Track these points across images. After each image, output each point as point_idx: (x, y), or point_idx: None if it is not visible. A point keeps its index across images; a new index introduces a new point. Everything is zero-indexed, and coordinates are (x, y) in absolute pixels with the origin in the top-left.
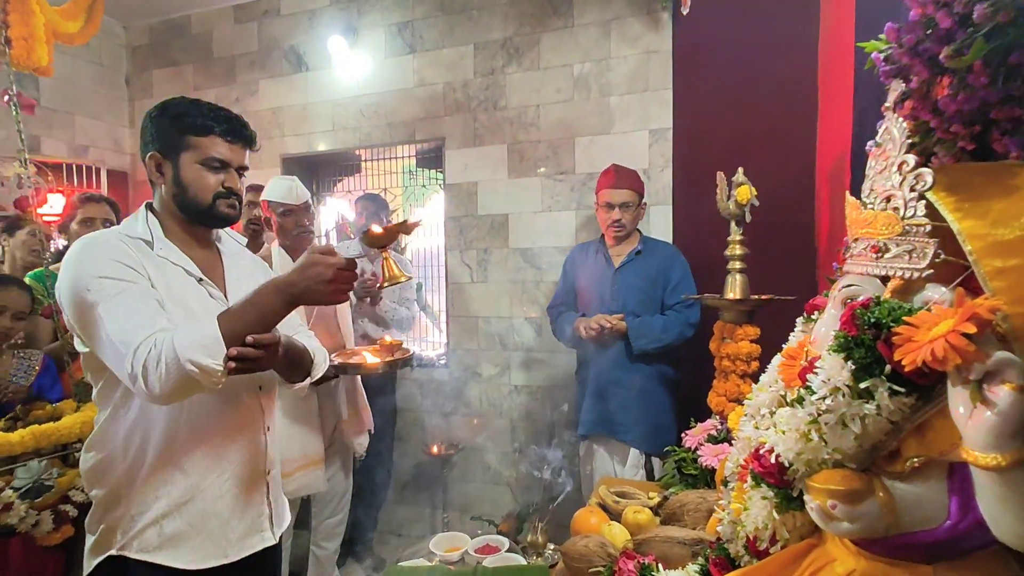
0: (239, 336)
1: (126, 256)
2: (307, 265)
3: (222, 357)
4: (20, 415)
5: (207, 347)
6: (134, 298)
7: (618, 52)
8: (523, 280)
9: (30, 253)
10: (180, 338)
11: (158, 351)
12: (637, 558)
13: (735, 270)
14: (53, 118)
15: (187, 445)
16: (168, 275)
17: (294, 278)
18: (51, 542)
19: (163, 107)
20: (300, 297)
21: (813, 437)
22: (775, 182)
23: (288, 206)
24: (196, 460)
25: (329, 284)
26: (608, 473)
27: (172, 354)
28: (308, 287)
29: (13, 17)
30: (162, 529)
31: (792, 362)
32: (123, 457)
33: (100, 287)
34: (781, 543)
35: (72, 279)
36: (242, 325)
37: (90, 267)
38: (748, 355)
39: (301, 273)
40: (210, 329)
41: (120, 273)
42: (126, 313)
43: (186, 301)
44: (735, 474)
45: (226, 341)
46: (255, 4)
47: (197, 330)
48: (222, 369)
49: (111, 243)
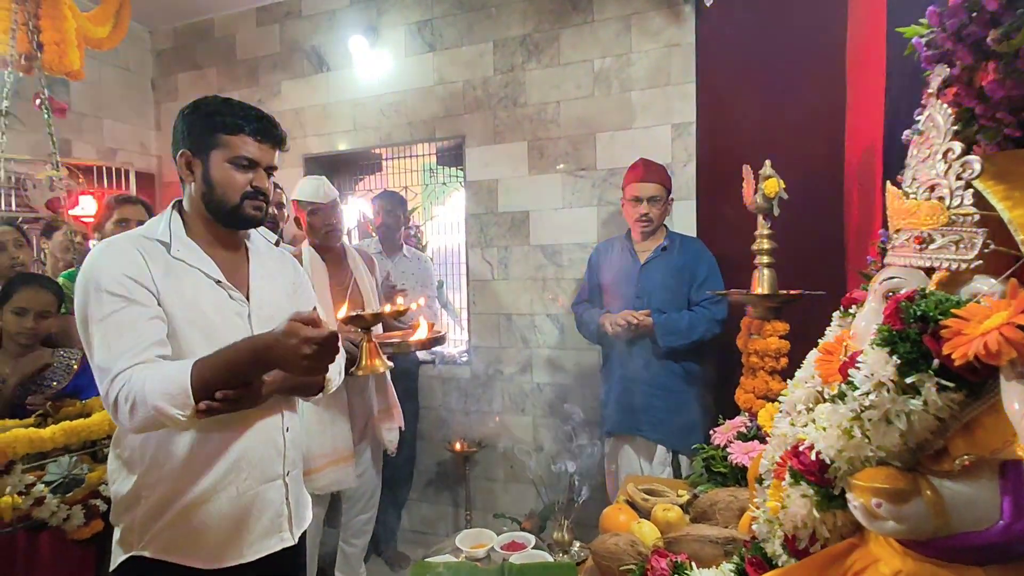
0: (211, 387)
1: (136, 269)
2: (286, 334)
3: (188, 408)
4: (50, 411)
5: (173, 396)
6: (126, 321)
7: (639, 46)
8: (544, 277)
9: (66, 253)
10: (151, 382)
11: (129, 388)
12: (669, 556)
13: (763, 265)
14: (83, 122)
15: (205, 445)
16: (182, 279)
17: (271, 343)
18: (81, 536)
19: (196, 105)
20: (274, 363)
21: (856, 434)
22: (802, 175)
23: (316, 204)
24: (214, 461)
25: (303, 359)
26: (634, 471)
27: (141, 396)
28: (283, 356)
29: (45, 22)
30: (178, 529)
31: (830, 357)
32: (141, 459)
33: (99, 302)
34: (821, 542)
35: (82, 285)
36: (213, 377)
37: (97, 277)
38: (777, 351)
39: (278, 340)
40: (180, 378)
41: (123, 289)
42: (113, 338)
43: (200, 306)
44: (770, 472)
45: (197, 389)
46: (277, 6)
47: (167, 377)
48: (185, 418)
49: (124, 252)
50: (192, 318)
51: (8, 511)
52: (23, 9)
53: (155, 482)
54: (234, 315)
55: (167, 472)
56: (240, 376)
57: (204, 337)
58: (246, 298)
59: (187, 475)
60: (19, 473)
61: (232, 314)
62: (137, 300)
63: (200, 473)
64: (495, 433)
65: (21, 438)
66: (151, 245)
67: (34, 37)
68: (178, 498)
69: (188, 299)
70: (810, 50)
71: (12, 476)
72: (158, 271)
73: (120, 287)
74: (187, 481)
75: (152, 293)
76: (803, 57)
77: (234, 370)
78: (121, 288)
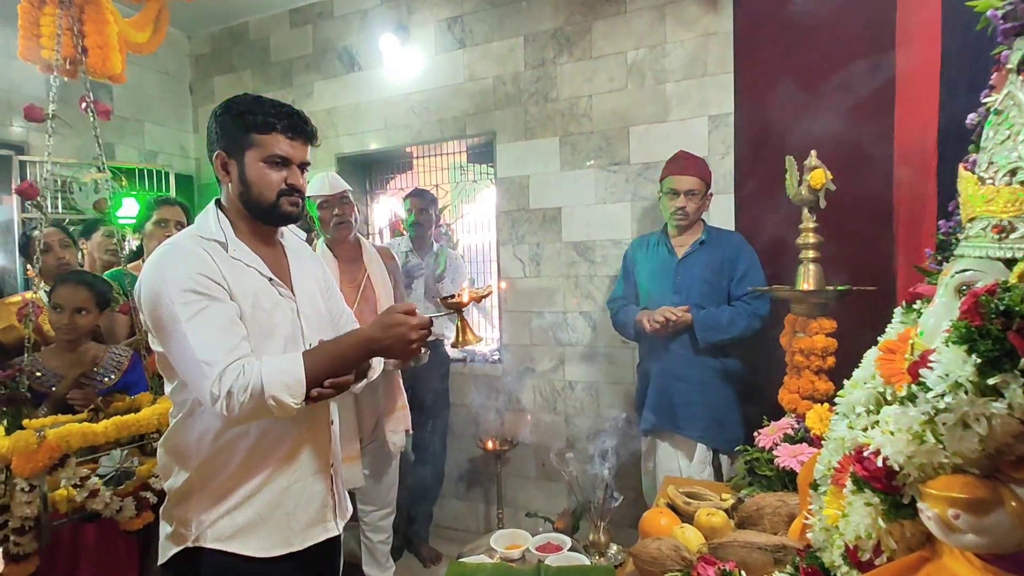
0: (319, 378)
1: (208, 268)
2: (391, 324)
3: (301, 397)
4: (101, 407)
5: (291, 387)
6: (217, 317)
7: (674, 36)
8: (577, 274)
9: (107, 253)
10: (268, 372)
11: (246, 379)
12: (717, 563)
13: (808, 259)
14: (125, 126)
15: (260, 441)
16: (243, 276)
17: (377, 334)
18: (133, 527)
19: (227, 105)
20: (382, 352)
21: (928, 438)
22: (848, 165)
23: (324, 196)
24: (266, 454)
25: (410, 343)
26: (672, 470)
27: (259, 386)
28: (391, 344)
29: (89, 27)
30: (234, 519)
31: (892, 356)
32: (197, 452)
33: (185, 301)
34: (887, 554)
35: (155, 288)
36: (324, 370)
37: (174, 278)
38: (823, 350)
39: (384, 331)
40: (296, 368)
41: (203, 287)
42: (210, 333)
43: (260, 302)
44: (827, 477)
45: (309, 378)
46: (309, 7)
47: (284, 368)
48: (297, 407)
49: (193, 252)
50: (254, 314)
51: (64, 503)
52: (67, 15)
53: (210, 475)
54: (288, 311)
55: (221, 466)
56: (348, 366)
57: (264, 332)
58: (292, 294)
59: (242, 469)
60: (73, 466)
61: (287, 310)
62: (218, 297)
63: (254, 466)
64: (527, 431)
65: (75, 432)
66: (211, 245)
67: (78, 42)
68: (232, 491)
69: (250, 296)
70: (856, 32)
71: (67, 469)
72: (224, 269)
73: (201, 285)
74: (242, 474)
75: (226, 290)
76: (849, 39)
77: (343, 361)
78: (201, 286)
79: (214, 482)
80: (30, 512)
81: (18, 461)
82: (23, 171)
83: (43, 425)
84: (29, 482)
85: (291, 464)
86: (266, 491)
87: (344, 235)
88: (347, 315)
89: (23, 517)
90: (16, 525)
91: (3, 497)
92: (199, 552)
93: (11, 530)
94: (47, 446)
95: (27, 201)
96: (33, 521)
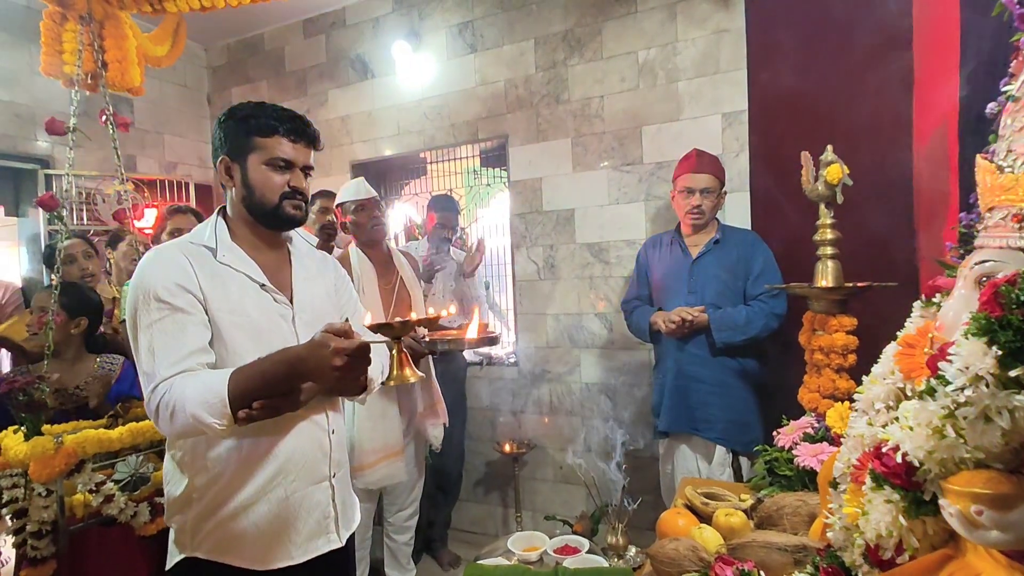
0: (248, 396)
1: (183, 275)
2: (317, 345)
3: (225, 417)
4: (120, 413)
5: (211, 405)
6: (171, 328)
7: (685, 35)
8: (591, 275)
9: (131, 263)
10: (190, 391)
11: (169, 396)
12: (735, 564)
13: (826, 256)
14: (145, 138)
15: (253, 448)
16: (228, 283)
17: (304, 354)
18: (148, 532)
19: (231, 112)
20: (306, 375)
21: (949, 433)
22: (865, 159)
23: (359, 201)
24: (262, 464)
25: (334, 371)
26: (691, 471)
27: (181, 404)
28: (315, 367)
29: (109, 42)
30: (229, 531)
31: (911, 351)
32: (192, 462)
33: (147, 309)
34: (909, 552)
35: (132, 291)
36: (250, 387)
37: (147, 284)
38: (844, 347)
39: (310, 351)
40: (218, 388)
41: (169, 296)
42: (158, 346)
43: (246, 309)
44: (846, 475)
45: (234, 398)
46: (323, 17)
47: (206, 387)
48: (223, 427)
49: (172, 259)
50: (238, 322)
51: (81, 508)
52: (88, 30)
53: (206, 485)
54: (279, 318)
55: (217, 475)
56: (275, 386)
57: (251, 340)
58: (290, 301)
59: (236, 478)
60: (89, 472)
61: (277, 317)
62: (182, 307)
63: (249, 476)
64: (544, 434)
65: (91, 438)
66: (197, 251)
67: (99, 56)
68: (228, 500)
69: (234, 303)
70: (872, 23)
71: (83, 474)
72: (204, 276)
73: (167, 294)
74: (236, 484)
75: (198, 299)
76: (864, 32)
77: (270, 381)
78: (168, 295)
79: (209, 491)
80: (47, 516)
81: (36, 466)
82: (48, 184)
83: (62, 431)
84: (47, 487)
85: (287, 475)
86: (263, 502)
87: (380, 237)
88: (366, 318)
89: (41, 521)
90: (34, 529)
91: (22, 501)
92: (197, 563)
93: (29, 534)
94: (64, 452)
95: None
96: (50, 525)
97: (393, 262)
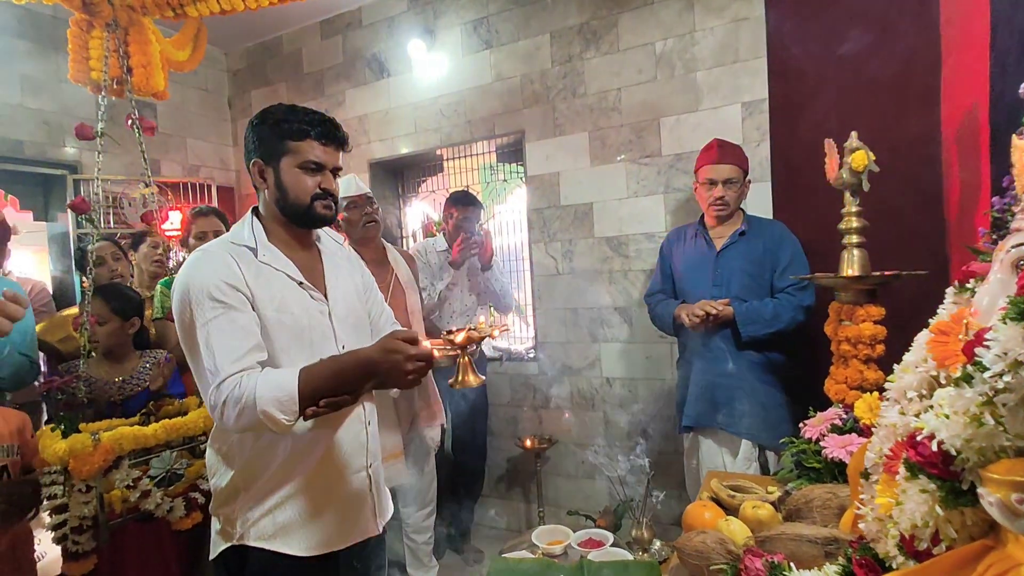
0: (316, 394)
1: (232, 275)
2: (389, 350)
3: (294, 414)
4: (153, 410)
5: (282, 403)
6: (231, 326)
7: (703, 24)
8: (610, 269)
9: (152, 264)
10: (261, 388)
11: (240, 392)
12: (765, 556)
13: (852, 245)
14: (169, 142)
15: (297, 441)
16: (271, 281)
17: (376, 357)
18: (183, 527)
19: (263, 115)
20: (378, 376)
21: (987, 421)
22: (892, 145)
23: (351, 198)
24: (305, 455)
25: (405, 374)
26: (716, 466)
27: (251, 400)
28: (388, 371)
29: (133, 47)
30: (275, 519)
31: (945, 338)
32: (239, 453)
33: (202, 307)
34: (946, 543)
35: (181, 291)
36: (318, 387)
37: (197, 283)
38: (872, 338)
39: (383, 355)
40: (289, 386)
41: (223, 295)
42: (220, 341)
43: (288, 306)
44: (878, 465)
45: (303, 395)
46: (339, 17)
47: (277, 385)
48: (290, 423)
49: (220, 258)
50: (282, 319)
51: (119, 503)
52: (114, 37)
53: (251, 476)
54: (318, 314)
55: (262, 467)
56: (345, 386)
57: (293, 337)
58: (324, 297)
59: (281, 470)
60: (126, 468)
61: (316, 313)
62: (235, 305)
63: (293, 467)
64: (565, 429)
65: (127, 435)
66: (240, 251)
67: (124, 62)
68: (273, 492)
69: (278, 301)
70: (896, 4)
71: (120, 471)
72: (250, 275)
73: (220, 292)
74: (280, 476)
75: (247, 297)
76: (888, 13)
77: (341, 380)
78: (220, 294)
79: (256, 482)
80: (87, 512)
81: (75, 463)
82: (76, 189)
83: (98, 429)
84: (86, 483)
85: (330, 466)
86: (306, 492)
87: (374, 234)
88: (387, 315)
89: (81, 517)
90: (75, 524)
91: (62, 497)
92: (245, 549)
93: (70, 529)
94: (102, 448)
95: (80, 216)
96: (91, 520)
97: (388, 260)
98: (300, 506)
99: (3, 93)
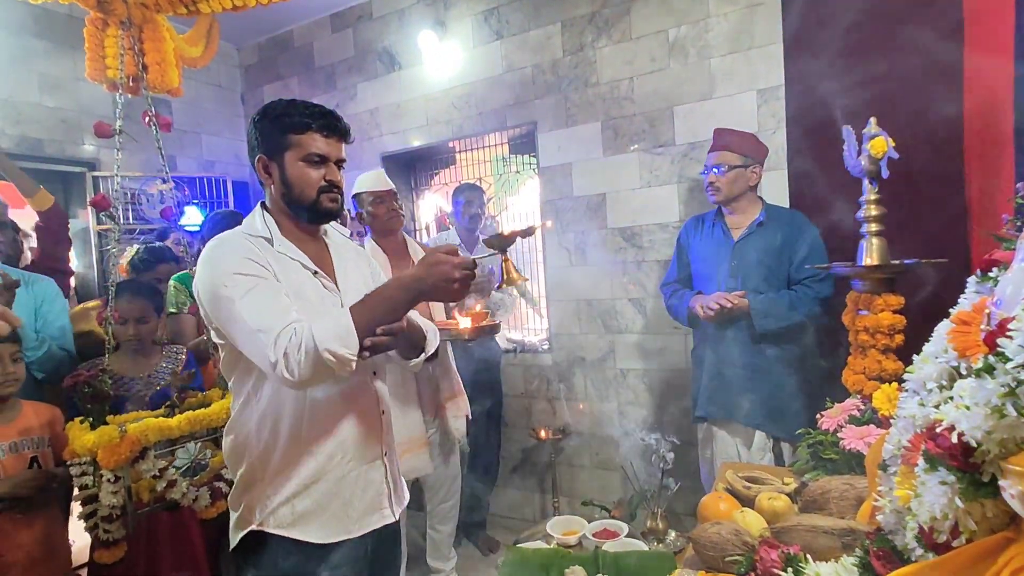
0: (370, 327)
1: (254, 253)
2: (433, 263)
3: (355, 347)
4: (177, 403)
5: (343, 338)
6: (267, 292)
7: (717, 10)
8: (624, 260)
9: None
10: (319, 329)
11: (299, 339)
12: (781, 547)
13: (871, 233)
14: (184, 138)
15: (312, 430)
16: (288, 270)
17: (421, 274)
18: (209, 515)
19: (264, 111)
20: (426, 293)
21: (1009, 412)
22: (912, 132)
23: (377, 193)
24: (320, 443)
25: (453, 283)
26: (730, 457)
27: (311, 343)
28: (434, 284)
29: (148, 45)
30: (294, 507)
31: (966, 328)
32: (257, 441)
33: (235, 283)
34: (966, 536)
35: (208, 277)
36: (372, 317)
37: (224, 265)
38: (890, 327)
39: (427, 271)
40: (345, 321)
41: (251, 269)
42: (262, 305)
43: (304, 293)
44: (897, 457)
45: (359, 326)
46: (349, 11)
47: (334, 321)
48: (356, 358)
49: (238, 242)
50: (300, 306)
51: (146, 492)
52: (128, 35)
53: (269, 465)
54: (331, 303)
55: (280, 455)
56: (396, 312)
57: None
58: (336, 287)
59: (296, 458)
60: (153, 459)
61: (329, 301)
62: (266, 277)
63: (310, 456)
64: (579, 420)
65: (152, 427)
66: (257, 241)
67: (139, 60)
68: (291, 479)
69: (296, 287)
70: None
71: (147, 462)
72: (270, 261)
73: (249, 268)
74: (296, 463)
75: (272, 275)
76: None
77: (391, 305)
78: (251, 268)
79: (273, 471)
80: (116, 501)
81: (103, 454)
82: (96, 186)
83: (124, 421)
84: (114, 473)
85: (344, 455)
86: (323, 480)
87: (397, 227)
88: None
89: (110, 506)
90: (104, 513)
91: (92, 487)
92: (264, 536)
93: (100, 518)
94: (128, 440)
95: (101, 212)
96: (120, 510)
97: (407, 251)
98: (318, 495)
99: (22, 92)
